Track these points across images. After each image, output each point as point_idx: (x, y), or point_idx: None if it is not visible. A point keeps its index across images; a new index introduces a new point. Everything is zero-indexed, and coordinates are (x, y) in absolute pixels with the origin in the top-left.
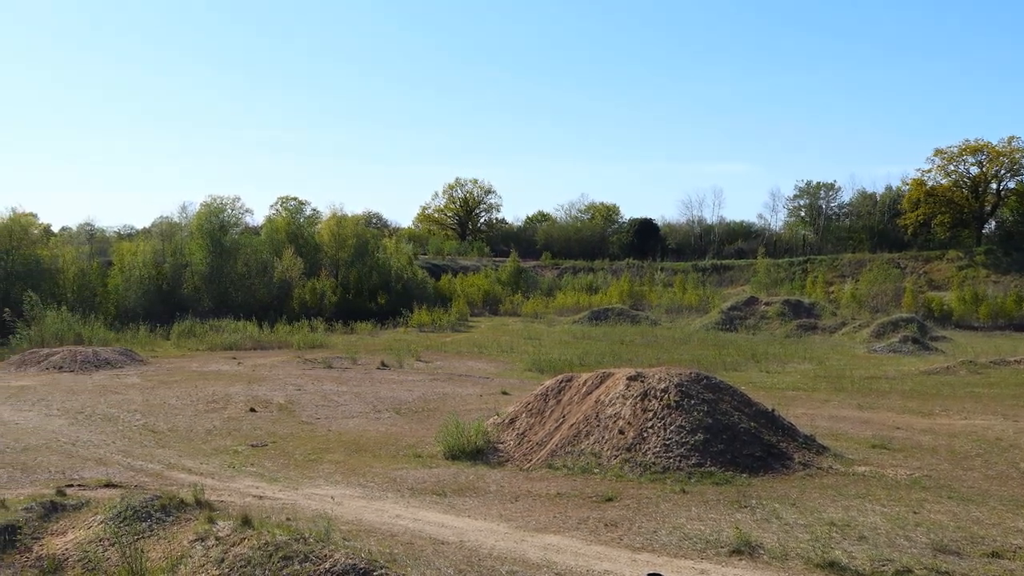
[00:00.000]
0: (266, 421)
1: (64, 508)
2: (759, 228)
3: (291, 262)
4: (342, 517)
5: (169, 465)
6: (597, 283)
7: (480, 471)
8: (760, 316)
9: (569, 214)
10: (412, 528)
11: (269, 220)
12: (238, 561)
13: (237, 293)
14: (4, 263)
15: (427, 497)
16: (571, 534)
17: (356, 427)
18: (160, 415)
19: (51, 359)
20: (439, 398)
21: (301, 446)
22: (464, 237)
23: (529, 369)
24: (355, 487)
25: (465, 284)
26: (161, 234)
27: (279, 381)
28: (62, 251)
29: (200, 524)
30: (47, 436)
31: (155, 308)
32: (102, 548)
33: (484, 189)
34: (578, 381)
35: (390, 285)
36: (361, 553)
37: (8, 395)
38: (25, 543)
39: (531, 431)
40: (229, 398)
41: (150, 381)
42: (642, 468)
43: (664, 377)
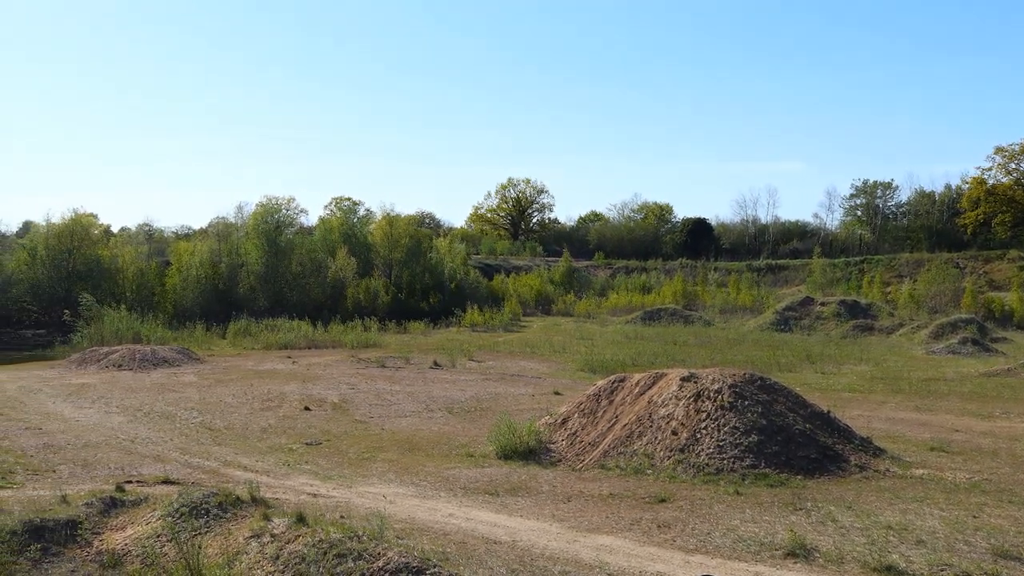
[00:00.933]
0: (320, 420)
1: (123, 504)
2: (814, 228)
3: (344, 262)
4: (395, 515)
5: (225, 462)
6: (650, 283)
7: (532, 471)
8: (815, 317)
9: (622, 214)
10: (465, 527)
11: (323, 220)
12: (293, 558)
13: (292, 293)
14: (66, 263)
15: (479, 496)
16: (624, 535)
17: (409, 426)
18: (216, 413)
19: (110, 357)
20: (491, 398)
21: (355, 445)
22: (516, 237)
23: (581, 369)
24: (408, 486)
25: (518, 284)
26: (217, 234)
27: (333, 380)
28: (121, 251)
29: (256, 521)
30: (107, 433)
31: (212, 307)
32: (160, 544)
33: (537, 189)
34: (631, 381)
35: (443, 285)
36: (414, 551)
37: (69, 392)
38: (85, 538)
39: (583, 431)
40: (284, 397)
41: (207, 379)
42: (695, 469)
43: (718, 378)
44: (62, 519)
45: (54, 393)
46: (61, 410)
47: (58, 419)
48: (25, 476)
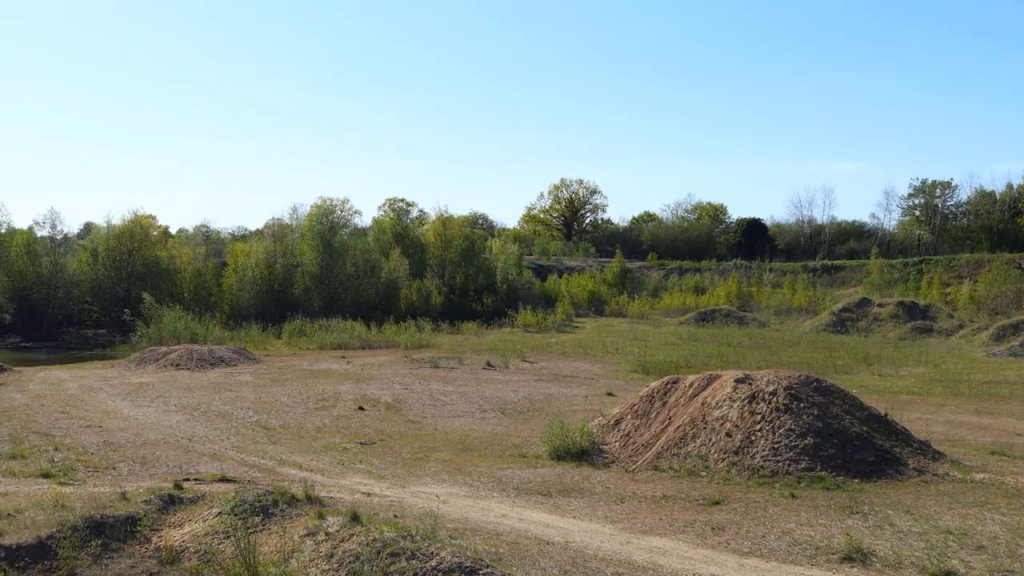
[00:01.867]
0: (374, 419)
1: (181, 501)
2: (872, 228)
3: (398, 263)
4: (448, 515)
5: (280, 461)
6: (704, 284)
7: (585, 472)
8: (873, 318)
9: (675, 214)
10: (517, 528)
11: (377, 221)
12: (347, 556)
13: (346, 293)
14: (126, 264)
15: (532, 497)
16: (677, 537)
17: (462, 426)
18: (272, 412)
19: (169, 357)
20: (544, 398)
21: (408, 444)
22: (569, 238)
23: (634, 370)
24: (461, 486)
25: (570, 285)
26: (273, 235)
27: (387, 380)
28: (179, 252)
29: (311, 519)
30: (165, 431)
31: (267, 307)
32: (217, 540)
33: (590, 190)
34: (684, 383)
35: (495, 286)
36: (467, 551)
37: (129, 391)
38: (144, 534)
39: (636, 433)
40: (338, 396)
41: (262, 379)
42: (750, 472)
43: (773, 380)
44: (122, 516)
45: (114, 392)
46: (121, 408)
47: (118, 417)
48: (86, 473)
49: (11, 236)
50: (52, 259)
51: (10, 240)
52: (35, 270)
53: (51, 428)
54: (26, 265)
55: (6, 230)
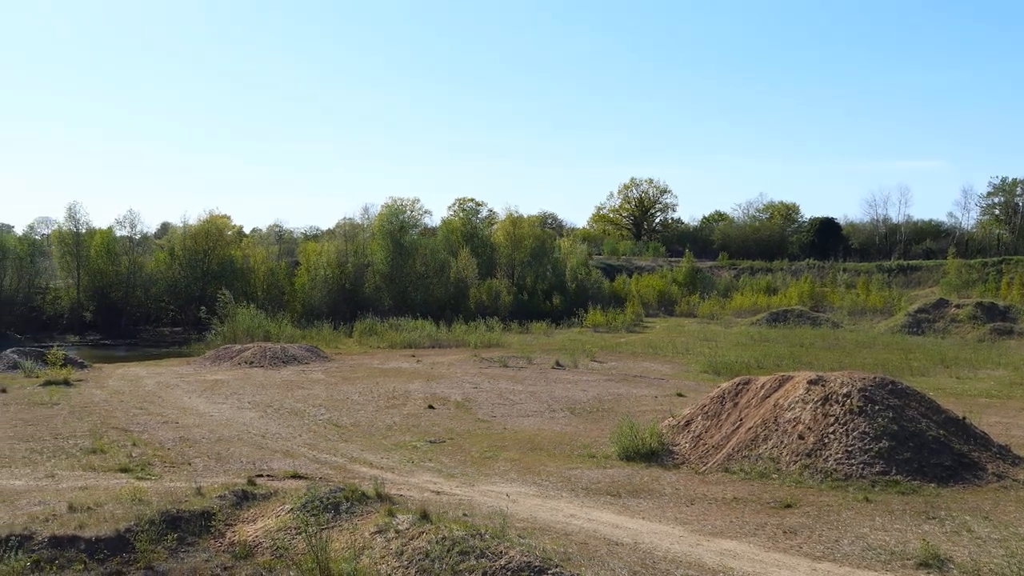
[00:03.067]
0: (444, 418)
1: (254, 497)
2: (949, 227)
3: (467, 262)
4: (517, 514)
5: (351, 459)
6: (775, 284)
7: (655, 473)
8: (950, 319)
9: (747, 213)
10: (586, 528)
11: (446, 221)
12: (417, 554)
13: (416, 292)
14: (201, 263)
15: (601, 497)
16: (748, 540)
17: (531, 426)
18: (343, 410)
19: (243, 355)
20: (613, 399)
21: (477, 443)
22: (639, 237)
23: (705, 371)
24: (530, 485)
25: (640, 284)
26: (344, 235)
27: (456, 379)
28: (253, 251)
29: (381, 517)
30: (239, 428)
31: (338, 306)
32: (289, 536)
33: (660, 189)
34: (756, 384)
35: (565, 285)
36: (536, 551)
37: (204, 388)
38: (219, 529)
39: (707, 434)
40: (408, 395)
41: (334, 377)
42: (823, 475)
43: (846, 381)
44: (197, 510)
45: (190, 389)
46: (196, 405)
47: (193, 414)
48: (163, 468)
49: (91, 236)
50: (131, 258)
51: (90, 240)
52: (114, 269)
53: (129, 424)
54: (106, 264)
55: (86, 230)
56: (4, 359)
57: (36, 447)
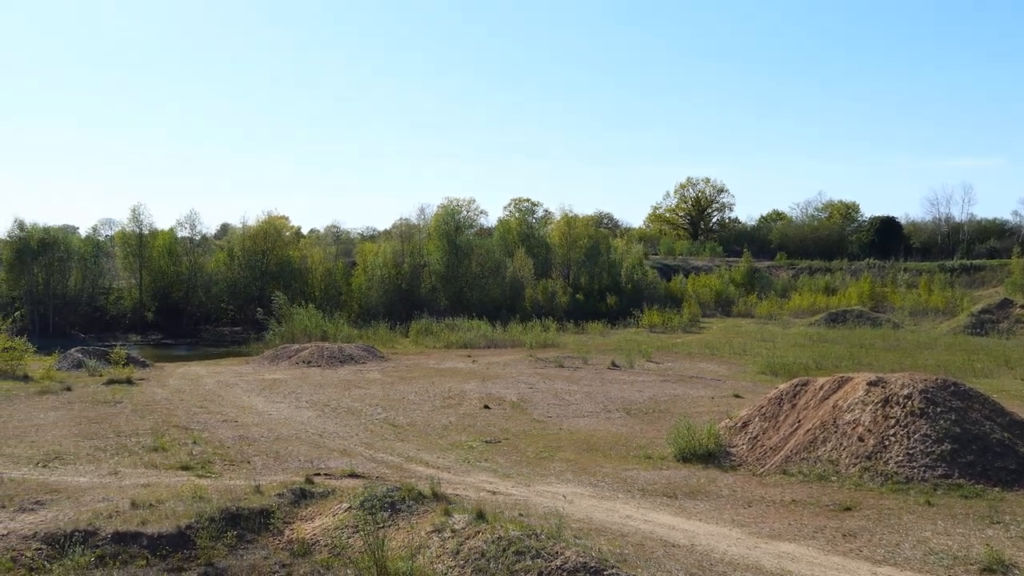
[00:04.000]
0: (499, 418)
1: (312, 495)
2: (1014, 226)
3: (523, 262)
4: (573, 515)
5: (408, 458)
6: (835, 284)
7: (712, 474)
8: (1015, 320)
9: (805, 213)
10: (642, 529)
11: (502, 221)
12: (473, 554)
13: (471, 292)
14: (260, 263)
15: (658, 499)
16: (807, 543)
17: (587, 426)
18: (399, 409)
19: (300, 354)
20: (670, 399)
21: (533, 443)
22: (696, 237)
23: (762, 372)
24: (586, 486)
25: (697, 285)
26: (401, 235)
27: (512, 379)
28: (310, 252)
29: (437, 516)
30: (297, 427)
31: (395, 306)
32: (346, 534)
33: (716, 188)
34: (814, 385)
35: (620, 285)
36: (592, 552)
37: (263, 387)
38: (277, 527)
39: (764, 435)
40: (464, 395)
41: (390, 377)
42: (883, 478)
43: (907, 383)
44: (256, 508)
45: (249, 388)
46: (255, 404)
47: (252, 412)
48: (222, 466)
49: (154, 237)
50: (191, 259)
51: (153, 241)
52: (175, 270)
53: (190, 422)
54: (167, 265)
55: (149, 231)
56: (69, 358)
57: (100, 444)
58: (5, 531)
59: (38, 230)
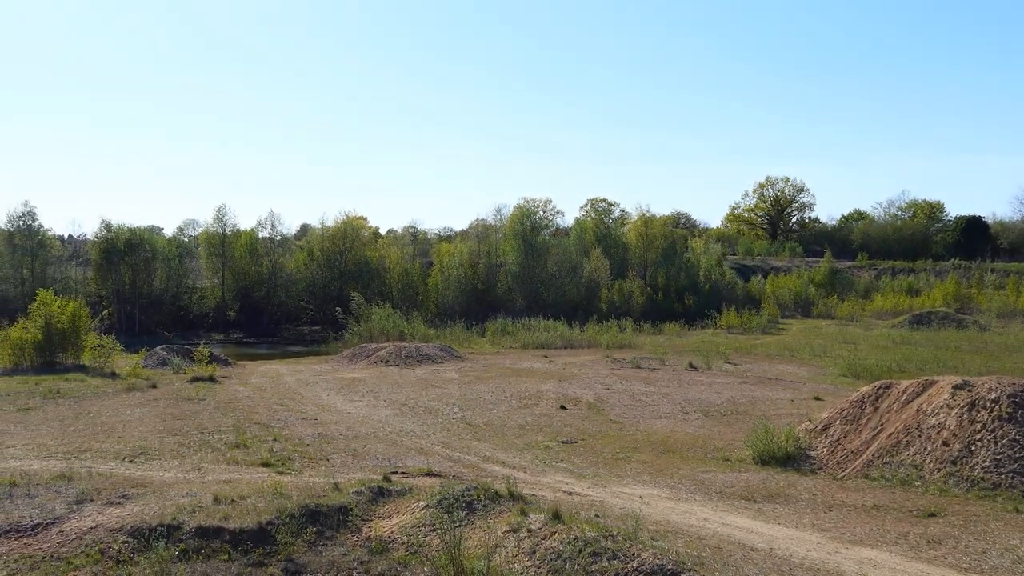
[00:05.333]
0: (576, 418)
1: (390, 493)
2: None
3: (599, 262)
4: (650, 517)
5: (484, 457)
6: (918, 285)
7: (791, 478)
8: None
9: (888, 212)
10: (720, 532)
11: (578, 222)
12: (549, 554)
13: (547, 292)
14: (338, 263)
15: (736, 501)
16: (889, 549)
17: (664, 428)
18: (476, 409)
19: (378, 354)
20: (748, 401)
21: (609, 444)
22: (775, 237)
23: (843, 374)
24: (662, 487)
25: (776, 285)
26: (477, 235)
27: (588, 380)
28: (388, 252)
29: (513, 516)
30: (375, 425)
31: (471, 306)
32: (424, 533)
33: (796, 187)
34: (897, 388)
35: (698, 286)
36: (668, 554)
37: (341, 386)
38: (356, 524)
39: (846, 439)
40: (540, 395)
41: (467, 376)
42: (969, 483)
43: (995, 386)
44: (335, 505)
45: (328, 386)
46: (334, 402)
47: (331, 411)
48: (302, 463)
49: (236, 237)
50: (272, 259)
51: (235, 241)
52: (257, 269)
53: (270, 420)
54: (249, 264)
55: (231, 232)
56: (154, 356)
57: (184, 441)
58: (93, 524)
59: (124, 231)
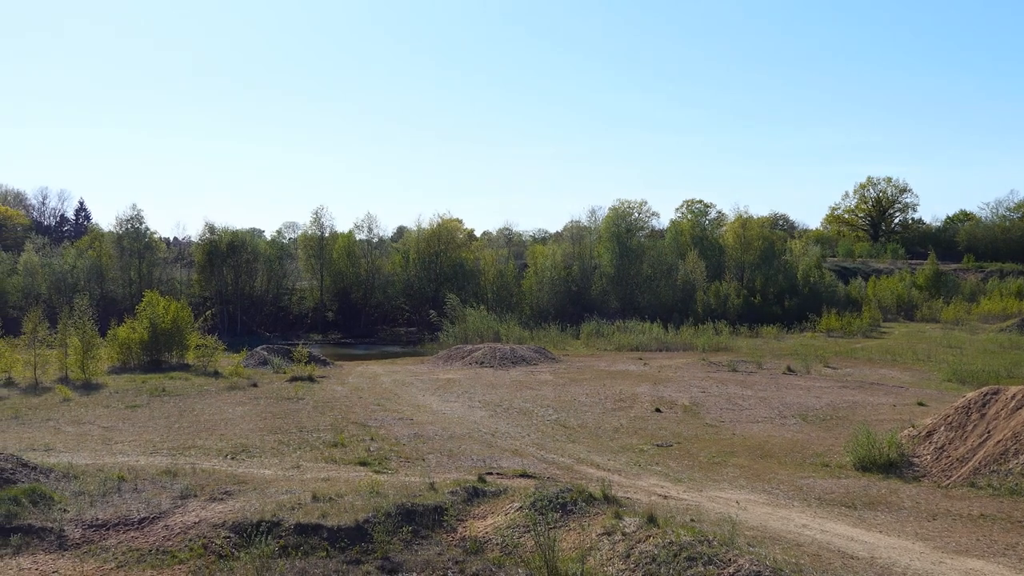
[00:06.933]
0: (671, 422)
1: (484, 494)
2: None
3: (695, 264)
4: (746, 522)
5: (578, 459)
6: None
7: (893, 485)
8: None
9: (996, 213)
10: (819, 539)
11: (674, 223)
12: (643, 558)
13: (642, 295)
14: (433, 265)
15: (835, 508)
16: (997, 560)
17: (761, 432)
18: (570, 411)
19: (473, 355)
20: (848, 406)
21: (705, 448)
22: (876, 239)
23: (948, 380)
24: (759, 493)
25: (877, 288)
26: (571, 237)
27: (684, 383)
28: (483, 254)
29: (608, 519)
30: (470, 426)
31: (565, 308)
32: (518, 534)
33: (899, 188)
34: (1006, 395)
35: (796, 288)
36: (766, 560)
37: (437, 387)
38: (451, 524)
39: (950, 446)
40: (635, 397)
41: (561, 378)
42: None
43: None
44: (430, 505)
45: (423, 387)
46: (429, 403)
47: (427, 411)
48: (398, 463)
49: (334, 239)
50: (369, 261)
51: (333, 243)
52: (354, 271)
53: (367, 419)
54: (346, 266)
55: (329, 234)
56: (255, 356)
57: (283, 439)
58: (197, 519)
59: (227, 233)
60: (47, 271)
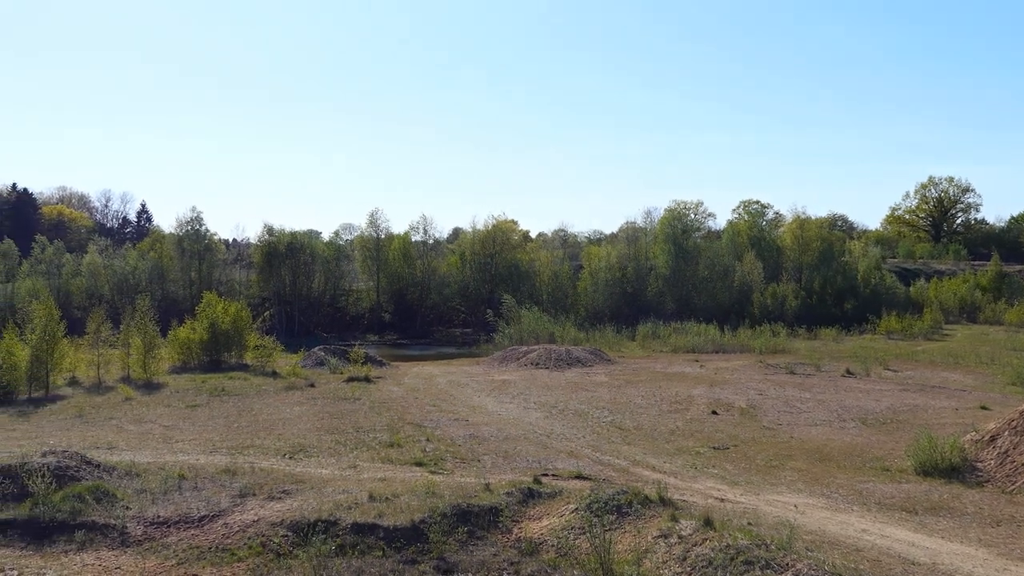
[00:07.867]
0: (727, 424)
1: (540, 495)
2: None
3: (752, 266)
4: (804, 526)
5: (634, 461)
6: None
7: (955, 490)
8: None
9: None
10: (879, 544)
11: (731, 224)
12: (700, 561)
13: (698, 296)
14: (489, 266)
15: (895, 513)
16: None
17: (819, 435)
18: (626, 413)
19: (528, 356)
20: (909, 410)
21: (762, 451)
22: (938, 239)
23: (1013, 383)
24: (818, 497)
25: (939, 289)
26: (627, 238)
27: (740, 385)
28: (538, 255)
29: (664, 521)
30: (525, 427)
31: (620, 309)
32: (573, 535)
33: (961, 188)
34: None
35: (856, 290)
36: (824, 565)
37: (492, 388)
38: (506, 525)
39: (1015, 451)
40: (691, 400)
41: (617, 380)
42: None
43: None
44: (485, 506)
45: (479, 388)
46: (485, 404)
47: (482, 412)
48: (454, 463)
49: (390, 240)
50: (425, 262)
51: (389, 244)
52: (410, 272)
53: (423, 420)
54: (402, 267)
55: (385, 235)
56: (312, 356)
57: (340, 439)
58: (255, 517)
59: (286, 235)
60: (110, 272)
